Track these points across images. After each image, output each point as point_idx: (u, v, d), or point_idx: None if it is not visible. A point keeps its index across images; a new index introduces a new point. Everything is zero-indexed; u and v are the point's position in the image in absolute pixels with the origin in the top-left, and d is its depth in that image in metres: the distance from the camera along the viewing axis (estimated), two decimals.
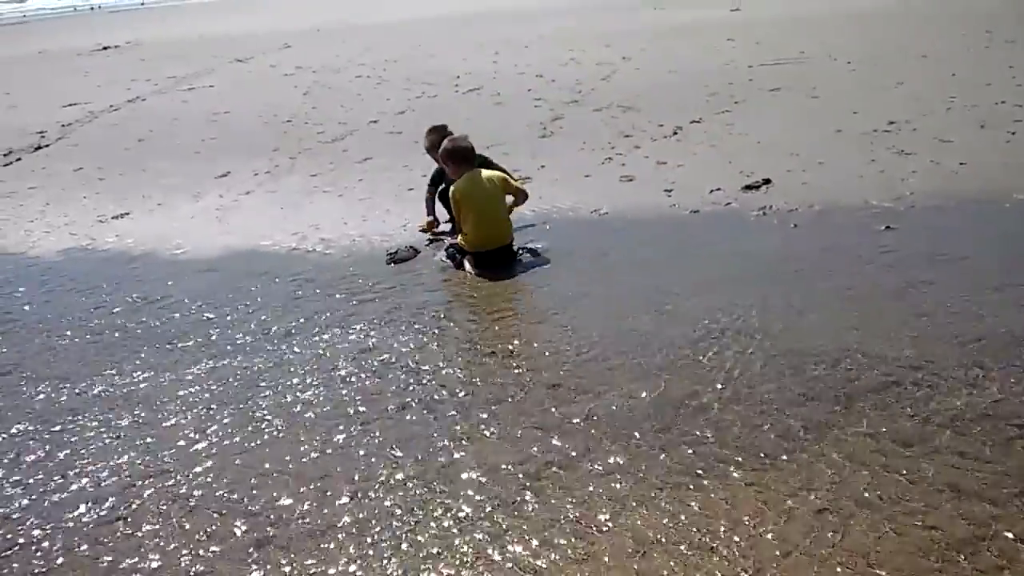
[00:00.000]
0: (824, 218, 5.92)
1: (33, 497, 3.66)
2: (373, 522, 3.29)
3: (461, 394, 4.16)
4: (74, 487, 3.69)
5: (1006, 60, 10.03)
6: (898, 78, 9.74)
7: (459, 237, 5.81)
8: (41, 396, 4.49)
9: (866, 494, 3.16)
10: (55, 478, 3.77)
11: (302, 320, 5.12)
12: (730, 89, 10.17)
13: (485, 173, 5.75)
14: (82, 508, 3.54)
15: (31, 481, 3.77)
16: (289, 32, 22.88)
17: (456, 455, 3.67)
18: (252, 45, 20.32)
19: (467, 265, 5.66)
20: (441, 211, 6.44)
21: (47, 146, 10.74)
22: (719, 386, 3.99)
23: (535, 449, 3.65)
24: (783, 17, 15.98)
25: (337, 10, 30.09)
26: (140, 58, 20.11)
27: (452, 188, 5.74)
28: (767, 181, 6.68)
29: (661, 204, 6.54)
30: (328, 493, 3.49)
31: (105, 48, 23.16)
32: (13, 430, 4.19)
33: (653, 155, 7.81)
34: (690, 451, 3.52)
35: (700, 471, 3.38)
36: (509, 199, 5.84)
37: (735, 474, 3.34)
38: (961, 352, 4.09)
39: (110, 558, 3.23)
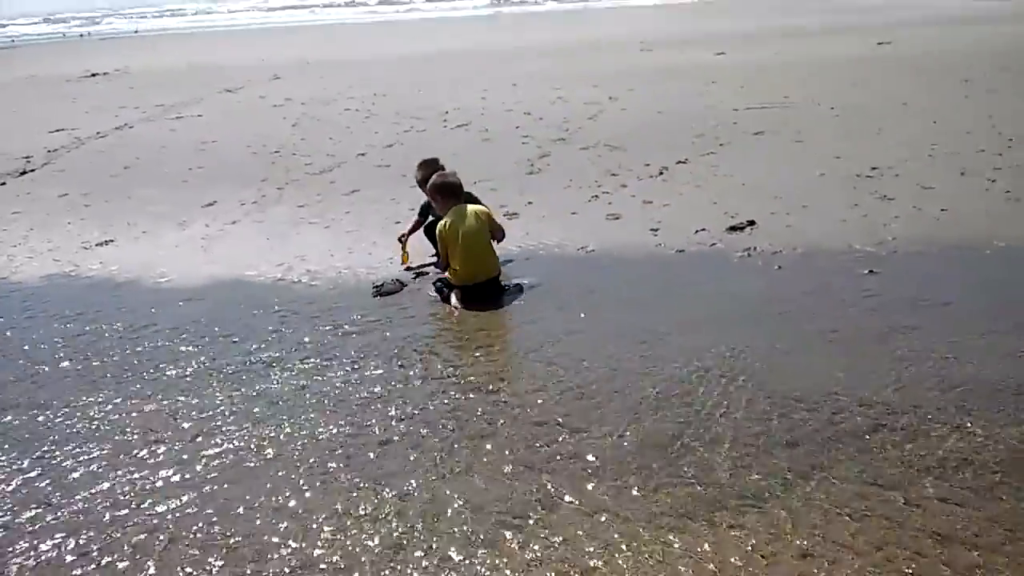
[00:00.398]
0: (808, 261, 5.98)
1: (11, 528, 3.59)
2: (355, 559, 3.25)
3: (446, 429, 4.13)
4: (52, 518, 3.63)
5: (985, 109, 10.23)
6: (880, 125, 9.90)
7: (447, 272, 5.81)
8: (22, 424, 4.42)
9: (851, 539, 3.16)
10: (33, 507, 3.70)
11: (286, 351, 5.09)
12: (715, 131, 10.30)
13: (471, 208, 5.79)
14: (59, 539, 3.47)
15: (8, 511, 3.70)
16: (278, 64, 23.00)
17: (440, 492, 3.64)
18: (242, 76, 20.40)
19: (453, 299, 5.66)
20: (427, 245, 6.44)
21: (32, 171, 10.68)
22: (705, 427, 4.00)
23: (520, 487, 3.63)
24: (766, 62, 16.26)
25: (325, 44, 30.37)
26: (129, 86, 20.12)
27: (440, 223, 5.76)
28: (751, 223, 6.75)
29: (647, 243, 6.58)
30: (310, 528, 3.45)
31: (94, 75, 23.17)
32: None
33: (639, 194, 7.87)
34: (676, 492, 3.51)
35: (686, 513, 3.37)
36: None
37: (720, 516, 3.34)
38: (945, 398, 4.12)
39: None
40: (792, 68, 15.13)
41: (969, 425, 3.88)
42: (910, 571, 2.98)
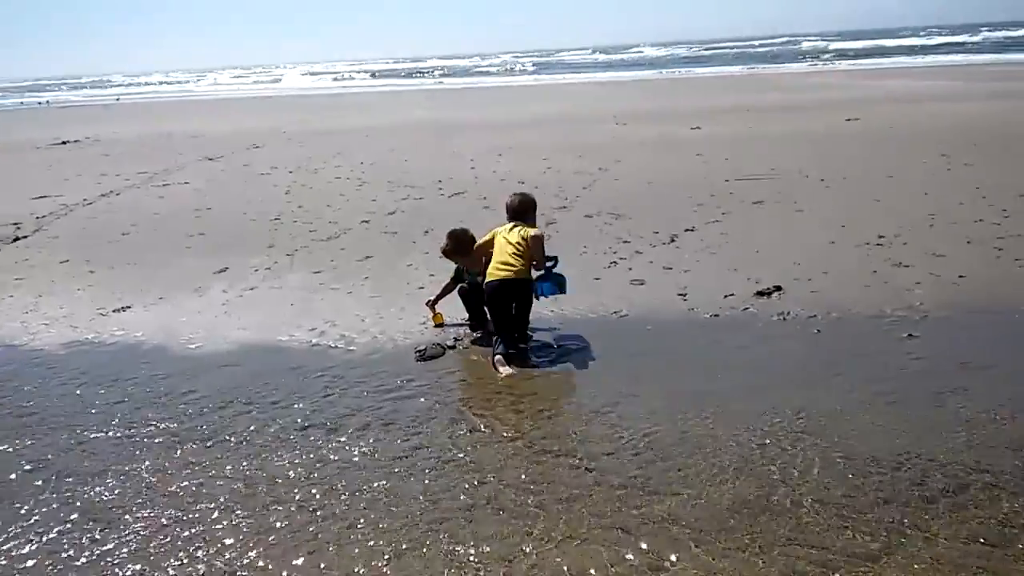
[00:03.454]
0: (844, 325, 6.09)
1: None
2: None
3: (530, 493, 4.06)
4: None
5: (970, 181, 10.67)
6: (874, 195, 10.25)
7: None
8: (80, 494, 4.23)
9: None
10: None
11: (342, 416, 4.98)
12: (714, 200, 10.55)
13: (519, 227, 6.11)
14: None
15: None
16: (254, 133, 23.10)
17: (539, 556, 3.56)
18: (219, 145, 20.40)
19: (498, 367, 5.61)
20: (459, 309, 6.46)
21: (25, 237, 10.46)
22: (792, 488, 3.99)
23: (622, 551, 3.57)
24: (742, 135, 16.80)
25: (293, 114, 30.62)
26: (102, 153, 19.99)
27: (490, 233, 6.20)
28: (778, 288, 6.88)
29: (679, 307, 6.65)
30: None
31: (64, 142, 22.98)
32: (58, 529, 3.92)
33: (657, 260, 7.99)
34: (787, 552, 3.48)
35: (803, 572, 3.35)
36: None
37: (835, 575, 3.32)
38: (1017, 456, 4.19)
39: None
40: (769, 142, 15.64)
41: None
42: None
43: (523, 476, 4.23)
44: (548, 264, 6.07)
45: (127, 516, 4.02)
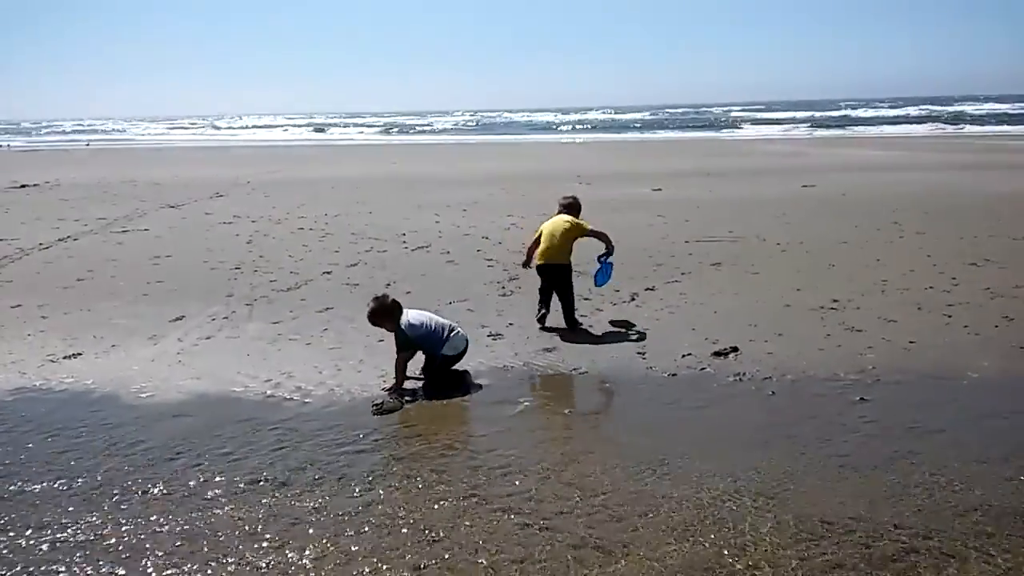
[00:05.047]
0: (799, 387, 6.16)
1: None
2: None
3: (483, 553, 4.01)
4: None
5: (921, 249, 10.96)
6: (828, 260, 10.47)
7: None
8: (14, 546, 4.09)
9: None
10: None
11: (293, 470, 4.90)
12: (674, 261, 10.70)
13: (566, 216, 7.94)
14: None
15: None
16: (217, 182, 23.03)
17: None
18: (181, 193, 20.29)
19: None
20: (417, 362, 6.41)
21: None
22: (743, 550, 4.00)
23: None
24: (702, 199, 17.14)
25: (258, 165, 30.60)
26: (62, 198, 19.75)
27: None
28: (735, 349, 6.95)
29: (637, 366, 6.69)
30: None
31: (23, 186, 22.69)
32: None
33: (617, 317, 8.06)
34: None
35: None
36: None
37: None
38: (964, 522, 4.24)
39: None
40: (729, 205, 15.97)
41: (993, 549, 3.99)
42: None
43: (476, 536, 4.18)
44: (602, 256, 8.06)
45: (64, 569, 3.89)
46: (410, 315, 6.32)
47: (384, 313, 6.32)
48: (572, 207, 8.14)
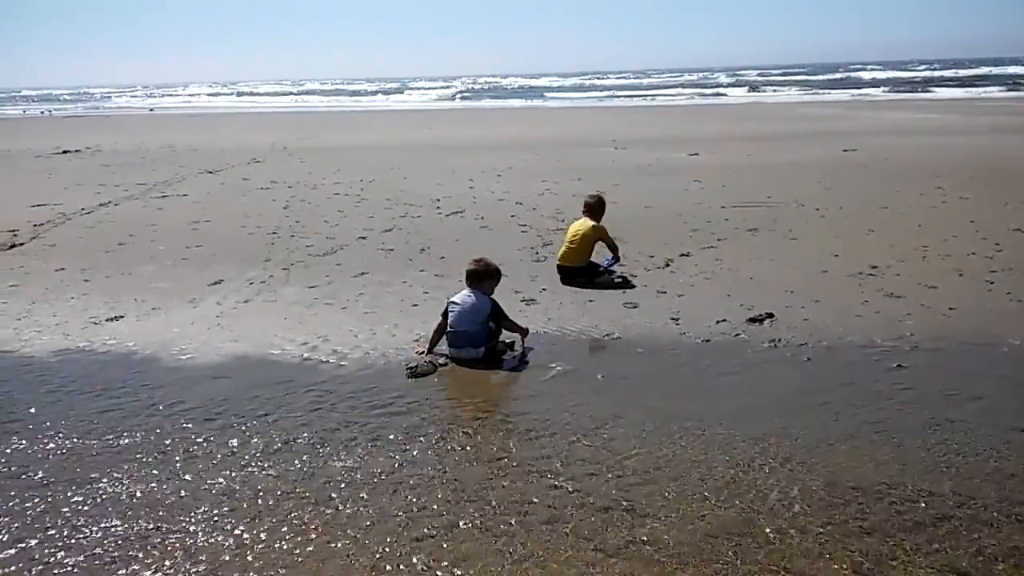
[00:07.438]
0: (834, 354, 6.11)
1: None
2: None
3: (513, 514, 4.06)
4: None
5: (964, 214, 10.74)
6: (868, 226, 10.31)
7: None
8: (64, 500, 4.23)
9: None
10: None
11: (328, 431, 4.99)
12: (710, 227, 10.60)
13: (590, 221, 8.41)
14: None
15: None
16: (254, 148, 23.21)
17: None
18: (219, 158, 20.49)
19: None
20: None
21: (22, 244, 10.47)
22: (773, 515, 4.00)
23: (602, 573, 3.57)
24: (740, 163, 16.91)
25: (294, 131, 30.74)
26: (103, 164, 20.06)
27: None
28: (770, 315, 6.90)
29: (671, 332, 6.67)
30: None
31: (65, 152, 23.07)
32: (39, 536, 3.92)
33: (651, 284, 8.02)
34: None
35: None
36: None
37: None
38: (999, 488, 4.20)
39: None
40: (767, 169, 15.75)
41: None
42: None
43: (507, 497, 4.23)
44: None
45: (108, 524, 4.02)
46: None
47: (491, 276, 6.50)
48: (596, 207, 8.59)
